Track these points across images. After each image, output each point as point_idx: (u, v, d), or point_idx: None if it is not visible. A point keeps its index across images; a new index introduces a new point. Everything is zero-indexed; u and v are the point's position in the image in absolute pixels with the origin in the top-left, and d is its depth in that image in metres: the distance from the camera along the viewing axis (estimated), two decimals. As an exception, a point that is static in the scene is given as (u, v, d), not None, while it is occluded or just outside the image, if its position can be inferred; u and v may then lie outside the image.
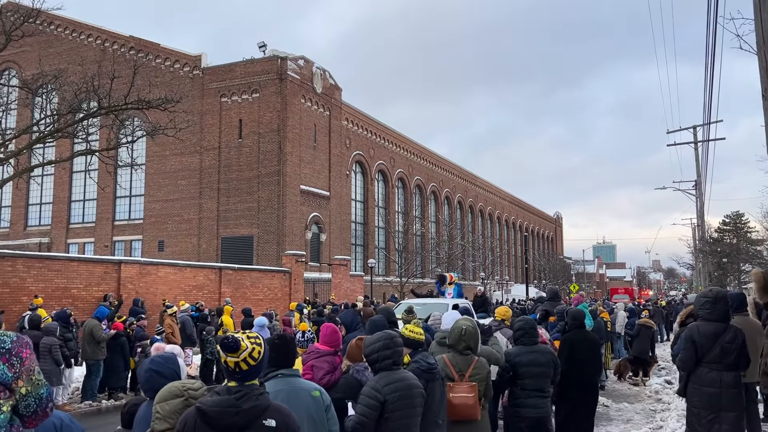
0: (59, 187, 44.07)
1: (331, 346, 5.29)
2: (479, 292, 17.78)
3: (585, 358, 7.20)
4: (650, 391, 14.19)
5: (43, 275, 19.19)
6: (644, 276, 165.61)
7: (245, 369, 3.07)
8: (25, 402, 2.08)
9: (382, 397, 4.36)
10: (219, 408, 3.00)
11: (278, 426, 3.04)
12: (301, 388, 4.01)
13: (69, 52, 43.01)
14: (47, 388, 2.19)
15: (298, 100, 38.15)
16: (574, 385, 7.07)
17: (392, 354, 4.54)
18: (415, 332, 5.21)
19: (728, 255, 40.74)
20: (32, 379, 2.09)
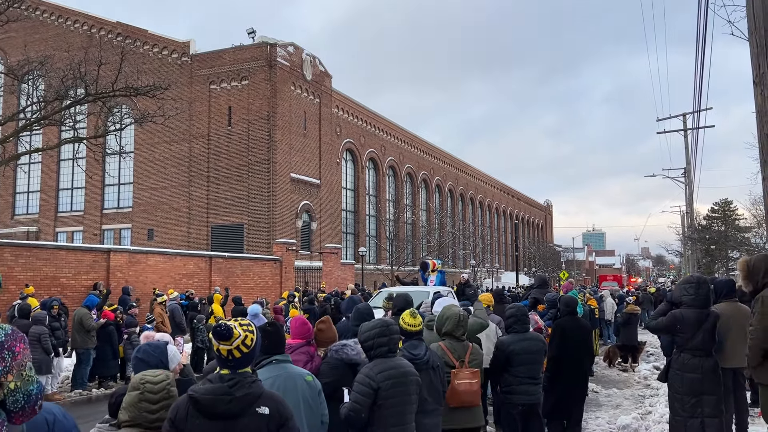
0: (47, 176, 43.67)
1: (303, 337, 5.31)
2: (463, 279, 17.57)
3: (576, 345, 7.24)
4: (639, 377, 14.33)
5: (31, 264, 19.04)
6: (633, 263, 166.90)
7: (238, 357, 3.07)
8: (13, 397, 2.05)
9: (375, 384, 4.37)
10: (212, 396, 2.99)
11: (272, 413, 3.04)
12: (296, 373, 4.07)
13: (55, 38, 42.47)
14: (38, 385, 2.16)
15: (288, 87, 37.90)
16: (565, 371, 7.12)
17: (388, 341, 4.55)
18: (409, 323, 5.19)
19: (716, 242, 41.09)
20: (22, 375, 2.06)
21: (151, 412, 3.16)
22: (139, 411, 3.16)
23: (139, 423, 3.15)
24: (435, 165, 63.24)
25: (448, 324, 5.83)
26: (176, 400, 3.23)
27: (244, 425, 2.99)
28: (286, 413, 3.11)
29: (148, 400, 3.17)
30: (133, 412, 3.16)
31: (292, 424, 3.12)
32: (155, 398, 3.18)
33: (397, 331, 4.67)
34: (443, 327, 5.88)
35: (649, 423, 9.42)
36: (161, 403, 3.18)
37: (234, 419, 2.98)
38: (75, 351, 13.53)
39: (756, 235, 37.76)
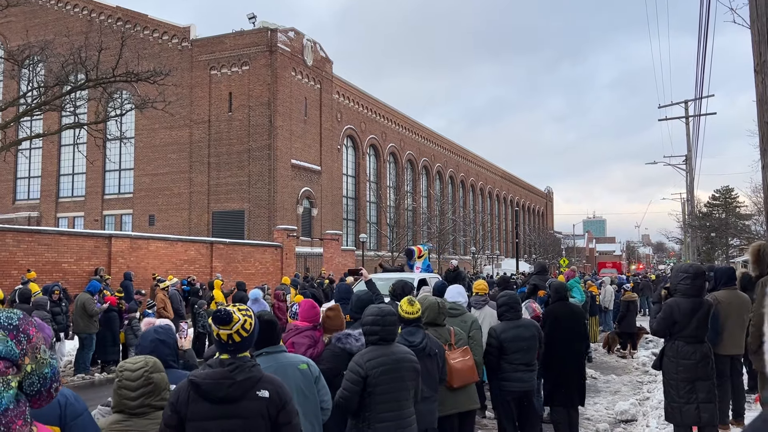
0: (48, 161, 43.65)
1: (310, 321, 5.34)
2: (452, 266, 17.27)
3: (567, 331, 7.27)
4: (638, 363, 14.42)
5: (33, 249, 19.09)
6: (633, 250, 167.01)
7: (238, 341, 3.12)
8: (30, 380, 2.08)
9: (363, 372, 4.40)
10: (213, 380, 3.04)
11: (271, 396, 3.09)
12: (288, 363, 4.08)
13: (55, 23, 42.24)
14: (52, 368, 2.19)
15: (289, 72, 37.75)
16: (558, 357, 7.16)
17: (380, 330, 4.56)
18: (407, 310, 5.19)
19: (717, 229, 41.09)
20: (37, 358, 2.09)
21: (131, 399, 3.19)
22: (119, 398, 3.21)
23: (122, 410, 3.19)
24: (436, 151, 63.12)
25: (429, 313, 5.89)
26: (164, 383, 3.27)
27: (245, 408, 3.04)
28: (285, 396, 3.16)
29: (126, 387, 3.20)
30: (116, 399, 3.22)
31: (291, 407, 3.18)
32: (133, 385, 3.20)
33: (393, 321, 4.64)
34: (424, 317, 5.90)
35: (647, 409, 9.50)
36: (140, 390, 3.20)
37: (235, 403, 3.04)
38: (77, 336, 13.62)
39: (756, 223, 37.75)
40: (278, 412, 3.10)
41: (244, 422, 3.05)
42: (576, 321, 7.45)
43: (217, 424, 3.03)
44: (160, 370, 3.35)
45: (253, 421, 3.05)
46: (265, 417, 3.07)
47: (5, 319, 2.03)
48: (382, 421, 4.39)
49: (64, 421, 2.64)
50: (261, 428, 3.07)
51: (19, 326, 2.04)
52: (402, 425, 4.46)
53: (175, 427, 3.03)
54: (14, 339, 2.01)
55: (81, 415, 2.71)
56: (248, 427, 3.05)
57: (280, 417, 3.11)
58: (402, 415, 4.49)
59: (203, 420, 3.02)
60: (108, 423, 3.15)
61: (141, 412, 3.17)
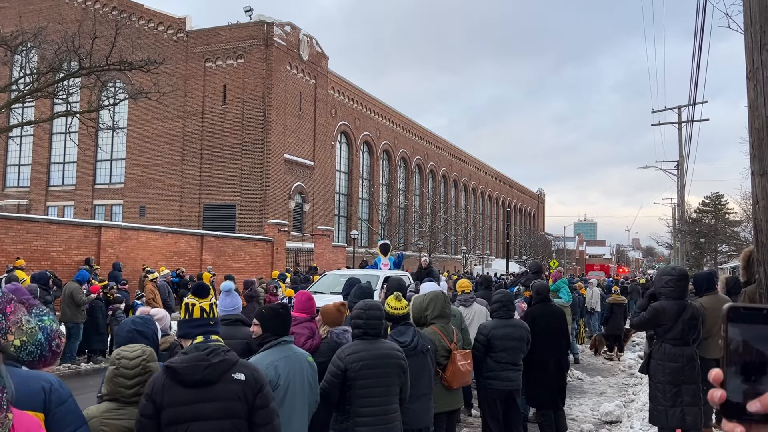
0: (38, 149, 43.33)
1: (307, 312, 5.37)
2: (424, 263, 16.32)
3: (547, 331, 7.28)
4: (624, 365, 14.51)
5: (21, 237, 18.96)
6: (623, 254, 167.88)
7: (214, 315, 3.15)
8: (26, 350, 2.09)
9: (343, 365, 4.41)
10: (189, 363, 3.05)
11: (248, 379, 3.11)
12: (301, 354, 4.18)
13: (49, 10, 41.90)
14: (44, 330, 2.19)
15: (284, 67, 37.64)
16: (537, 358, 7.18)
17: (363, 324, 4.56)
18: (394, 306, 5.17)
19: (706, 235, 41.39)
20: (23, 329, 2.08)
21: (127, 387, 3.18)
22: (115, 386, 3.18)
23: (116, 398, 3.18)
24: (429, 150, 63.16)
25: (435, 306, 5.88)
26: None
27: (221, 391, 3.04)
28: (261, 380, 3.18)
29: (123, 375, 3.19)
30: (110, 387, 3.20)
31: (267, 391, 3.19)
32: (130, 374, 3.20)
33: (377, 315, 4.63)
34: (430, 311, 5.91)
35: (632, 411, 9.57)
36: (137, 378, 3.20)
37: (211, 386, 3.04)
38: (64, 325, 13.54)
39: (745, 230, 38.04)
40: (255, 396, 3.10)
41: (221, 405, 3.04)
42: (555, 321, 7.47)
43: (194, 408, 3.01)
44: (156, 360, 3.36)
45: (230, 404, 3.05)
46: (242, 400, 3.07)
47: None
48: (362, 416, 4.37)
49: (48, 407, 2.63)
50: (238, 411, 3.06)
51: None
52: (384, 421, 4.41)
53: (150, 416, 3.00)
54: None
55: (66, 401, 2.69)
56: (225, 410, 3.04)
57: (257, 400, 3.11)
58: (384, 411, 4.44)
59: (179, 405, 3.00)
60: (101, 411, 3.13)
61: (135, 400, 3.16)
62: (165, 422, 3.02)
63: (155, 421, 3.02)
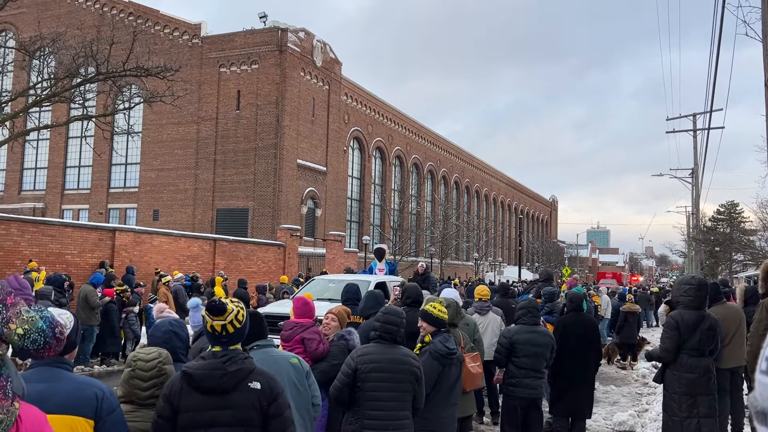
0: (55, 152, 43.79)
1: (309, 317, 5.35)
2: (421, 268, 15.80)
3: (579, 342, 7.24)
4: (637, 374, 14.38)
5: (37, 240, 19.16)
6: (637, 262, 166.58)
7: (231, 332, 3.16)
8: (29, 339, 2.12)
9: (353, 365, 4.43)
10: (205, 371, 3.07)
11: (263, 388, 3.12)
12: (280, 356, 4.13)
13: (67, 16, 42.41)
14: (45, 319, 2.21)
15: (298, 73, 37.83)
16: (567, 368, 7.14)
17: (380, 327, 4.56)
18: (440, 310, 5.10)
19: (721, 244, 40.98)
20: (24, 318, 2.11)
21: (143, 389, 3.21)
22: (131, 388, 3.22)
23: (132, 400, 3.21)
24: (442, 156, 63.13)
25: (449, 312, 5.90)
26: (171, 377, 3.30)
27: (236, 399, 3.07)
28: (277, 388, 3.19)
29: (139, 377, 3.23)
30: (126, 389, 3.23)
31: (283, 399, 3.20)
32: (146, 375, 3.23)
33: (395, 321, 4.59)
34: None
35: (645, 421, 9.48)
36: (152, 380, 3.23)
37: (226, 394, 3.07)
38: (78, 327, 13.66)
39: (761, 239, 37.64)
40: (269, 404, 3.12)
41: (236, 413, 3.07)
42: (587, 332, 7.41)
43: (209, 414, 3.05)
44: (171, 362, 3.40)
45: (245, 412, 3.07)
46: (257, 408, 3.09)
47: None
48: (370, 419, 4.36)
49: (99, 415, 2.69)
50: (252, 419, 3.09)
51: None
52: (392, 426, 4.37)
53: (167, 418, 3.05)
54: None
55: (115, 410, 2.77)
56: (240, 418, 3.07)
57: (272, 409, 3.13)
58: (394, 417, 4.40)
59: (195, 411, 3.05)
60: None
61: (150, 403, 3.19)
62: (181, 426, 3.06)
63: (172, 423, 3.06)
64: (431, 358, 4.89)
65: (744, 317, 7.73)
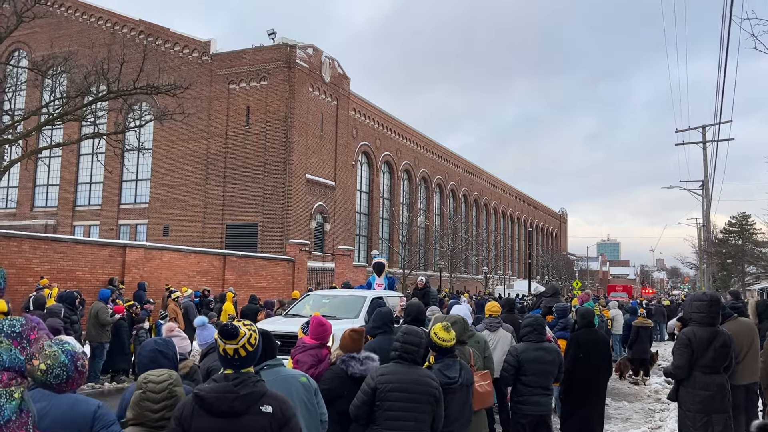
0: (66, 169, 44.21)
1: (318, 339, 5.28)
2: (420, 283, 15.31)
3: (592, 359, 7.19)
4: (650, 390, 14.23)
5: (48, 257, 19.30)
6: (648, 275, 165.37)
7: (244, 355, 3.15)
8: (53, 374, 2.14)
9: (373, 384, 4.45)
10: (217, 394, 3.07)
11: (275, 411, 3.12)
12: (290, 375, 4.13)
13: (79, 35, 43.01)
14: (68, 354, 2.24)
15: (306, 88, 38.09)
16: (579, 384, 7.08)
17: (400, 347, 4.59)
18: (441, 337, 5.02)
19: (733, 256, 40.63)
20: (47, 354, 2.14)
21: (153, 411, 3.21)
22: (141, 410, 3.22)
23: (143, 422, 3.21)
24: (450, 170, 63.17)
25: (456, 330, 5.86)
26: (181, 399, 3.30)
27: (248, 423, 3.07)
28: (288, 412, 3.19)
29: (150, 399, 3.23)
30: (137, 411, 3.23)
31: (295, 423, 3.20)
32: (157, 398, 3.24)
33: (415, 341, 4.58)
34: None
35: (659, 438, 9.37)
36: (163, 402, 3.23)
37: (238, 417, 3.06)
38: (89, 344, 13.70)
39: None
40: (281, 428, 3.12)
41: None
42: (601, 349, 7.38)
43: None
44: (181, 384, 3.40)
45: None
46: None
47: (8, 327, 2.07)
48: None
49: (95, 430, 2.71)
50: None
51: (22, 333, 2.08)
52: None
53: None
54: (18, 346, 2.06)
55: (111, 425, 2.78)
56: None
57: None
58: None
59: None
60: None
61: (161, 425, 3.19)
62: None
63: None
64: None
65: (757, 332, 7.67)
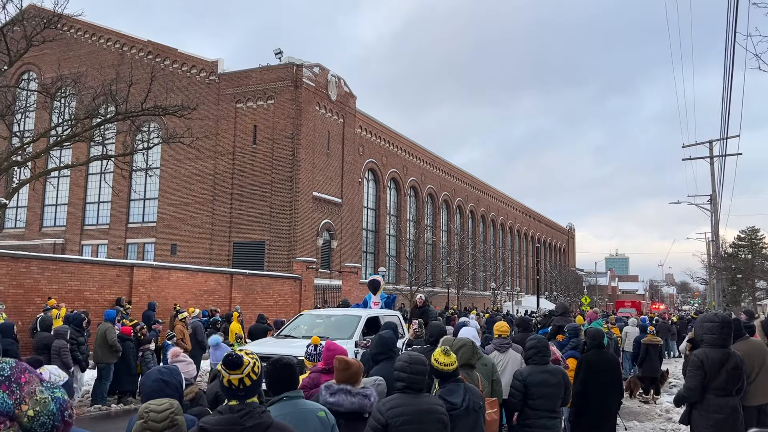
0: (75, 189, 44.50)
1: (327, 363, 5.18)
2: (420, 301, 14.89)
3: (603, 380, 7.12)
4: (661, 409, 14.06)
5: (56, 277, 19.37)
6: (657, 290, 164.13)
7: (249, 384, 3.12)
8: (39, 421, 2.11)
9: (383, 420, 4.31)
10: (222, 426, 3.03)
11: None
12: (307, 410, 4.00)
13: (88, 56, 43.53)
14: (57, 401, 2.21)
15: (313, 107, 38.33)
16: (590, 407, 7.01)
17: (407, 378, 4.44)
18: (441, 362, 4.95)
19: (742, 271, 40.29)
20: (37, 399, 2.11)
21: None
22: None
23: None
24: (457, 186, 63.20)
25: (463, 354, 5.80)
26: (184, 427, 3.28)
27: None
28: None
29: (151, 429, 3.20)
30: None
31: None
32: (158, 427, 3.21)
33: (422, 370, 4.49)
34: (459, 358, 5.84)
35: (670, 459, 9.23)
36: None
37: None
38: (96, 365, 13.68)
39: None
40: None
41: None
42: (611, 371, 7.30)
43: None
44: (182, 413, 3.37)
45: None
46: None
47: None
48: None
49: None
50: None
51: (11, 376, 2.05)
52: None
53: None
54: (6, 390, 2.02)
55: None
56: None
57: None
58: None
59: None
60: None
61: None
62: None
63: None
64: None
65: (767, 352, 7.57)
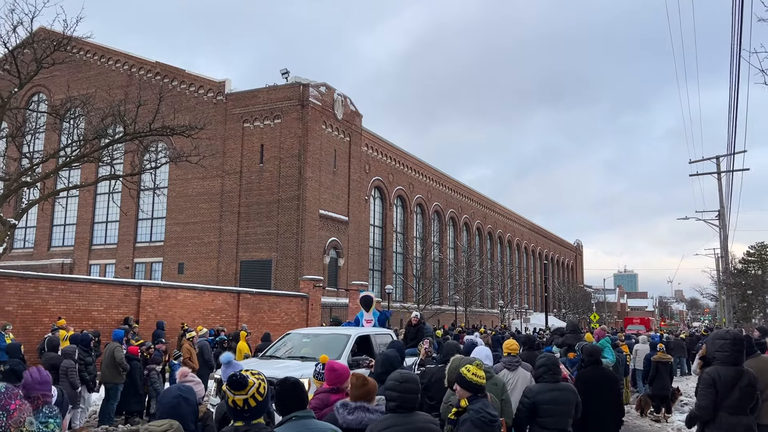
0: (83, 209, 44.76)
1: (333, 384, 5.15)
2: (415, 319, 14.41)
3: (600, 397, 7.04)
4: (672, 428, 13.86)
5: (64, 297, 19.39)
6: (666, 306, 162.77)
7: (254, 405, 3.10)
8: None
9: None
10: None
11: None
12: (318, 429, 3.97)
13: (97, 77, 44.03)
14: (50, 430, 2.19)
15: (319, 126, 38.55)
16: (588, 424, 6.93)
17: (398, 397, 4.33)
18: (477, 375, 4.90)
19: (753, 287, 39.95)
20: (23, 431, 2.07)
21: None
22: None
23: None
24: (464, 203, 63.17)
25: None
26: None
27: None
28: None
29: None
30: None
31: None
32: None
33: (413, 388, 4.39)
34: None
35: (683, 479, 9.09)
36: None
37: None
38: (104, 385, 13.64)
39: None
40: None
41: None
42: (609, 387, 7.22)
43: None
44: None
45: None
46: None
47: None
48: None
49: None
50: None
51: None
52: None
53: None
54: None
55: None
56: None
57: None
58: None
59: None
60: None
61: None
62: None
63: None
64: (473, 426, 4.67)
65: None
